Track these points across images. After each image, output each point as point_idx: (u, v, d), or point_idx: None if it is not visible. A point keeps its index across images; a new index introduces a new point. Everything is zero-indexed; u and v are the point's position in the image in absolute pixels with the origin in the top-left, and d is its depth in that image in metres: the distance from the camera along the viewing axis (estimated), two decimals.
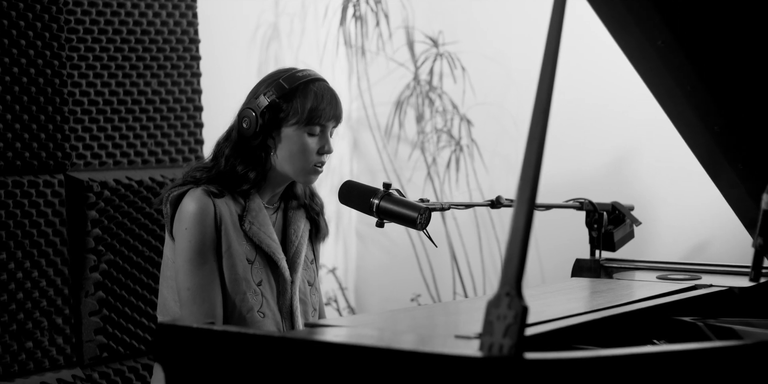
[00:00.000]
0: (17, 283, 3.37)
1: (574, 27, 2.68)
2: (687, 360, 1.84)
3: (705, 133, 2.50)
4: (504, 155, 4.72)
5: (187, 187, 2.73)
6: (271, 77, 2.78)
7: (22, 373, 3.38)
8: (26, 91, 3.39)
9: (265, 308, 2.76)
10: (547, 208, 3.26)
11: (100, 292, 3.59)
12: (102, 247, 3.59)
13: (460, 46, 4.69)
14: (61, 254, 3.48)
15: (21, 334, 3.38)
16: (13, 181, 3.38)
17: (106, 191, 3.60)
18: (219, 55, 4.30)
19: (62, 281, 3.48)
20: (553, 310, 2.38)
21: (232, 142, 2.77)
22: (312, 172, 2.80)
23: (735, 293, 2.74)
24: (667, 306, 2.59)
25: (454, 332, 2.03)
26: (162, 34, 3.79)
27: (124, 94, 3.70)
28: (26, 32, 3.39)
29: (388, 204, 2.70)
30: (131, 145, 3.74)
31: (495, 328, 1.78)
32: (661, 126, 2.92)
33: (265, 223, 2.78)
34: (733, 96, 2.37)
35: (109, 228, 3.61)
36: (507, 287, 1.79)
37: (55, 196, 3.47)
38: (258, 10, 4.66)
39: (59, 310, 3.47)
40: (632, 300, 2.53)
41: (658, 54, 2.28)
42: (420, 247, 4.82)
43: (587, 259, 3.19)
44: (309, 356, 1.86)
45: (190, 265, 2.68)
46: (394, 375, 1.77)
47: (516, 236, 1.84)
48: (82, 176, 3.58)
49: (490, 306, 1.79)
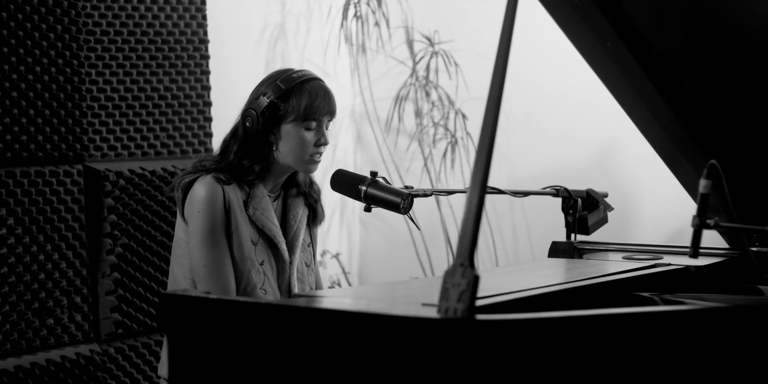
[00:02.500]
0: (39, 265, 3.61)
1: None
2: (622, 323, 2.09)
3: (656, 126, 2.74)
4: (496, 146, 4.94)
5: (198, 174, 2.99)
6: (270, 79, 3.05)
7: (43, 348, 3.62)
8: (47, 89, 3.62)
9: (266, 286, 3.02)
10: (525, 195, 3.47)
11: (116, 273, 3.83)
12: (117, 232, 3.83)
13: (455, 44, 4.94)
14: (80, 238, 3.72)
15: (42, 312, 3.61)
16: (36, 171, 3.60)
17: (121, 180, 3.83)
18: (228, 53, 4.55)
19: (81, 263, 3.72)
20: (521, 284, 2.58)
21: (238, 140, 3.03)
22: (310, 162, 3.06)
23: (692, 271, 2.96)
24: (629, 282, 2.80)
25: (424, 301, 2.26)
26: (173, 36, 4.02)
27: (138, 91, 3.93)
28: (48, 34, 3.62)
29: (375, 190, 2.96)
30: (145, 137, 3.97)
31: (450, 295, 2.02)
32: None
33: (267, 208, 3.04)
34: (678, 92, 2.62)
35: (123, 214, 3.85)
36: (461, 259, 2.02)
37: (74, 184, 3.70)
38: (265, 11, 4.91)
39: (78, 289, 3.71)
40: (593, 276, 2.77)
41: (609, 55, 2.53)
42: (417, 234, 5.07)
43: (563, 241, 3.42)
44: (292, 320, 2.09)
45: (205, 243, 2.94)
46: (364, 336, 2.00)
47: (470, 214, 2.07)
48: (99, 167, 3.80)
49: (447, 275, 2.03)
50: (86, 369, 3.71)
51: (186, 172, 3.03)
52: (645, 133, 2.83)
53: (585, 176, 4.61)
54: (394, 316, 2.02)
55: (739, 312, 2.29)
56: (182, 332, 2.26)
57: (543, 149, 4.86)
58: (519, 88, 4.87)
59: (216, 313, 2.22)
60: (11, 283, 3.54)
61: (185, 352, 2.26)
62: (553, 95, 4.78)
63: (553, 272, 3.00)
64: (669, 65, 2.57)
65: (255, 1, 4.85)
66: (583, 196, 3.45)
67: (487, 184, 2.14)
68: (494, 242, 4.96)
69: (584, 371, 2.02)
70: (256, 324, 2.15)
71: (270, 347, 2.11)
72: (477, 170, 2.13)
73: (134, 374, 3.87)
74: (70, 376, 3.66)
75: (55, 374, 3.62)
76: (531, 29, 4.09)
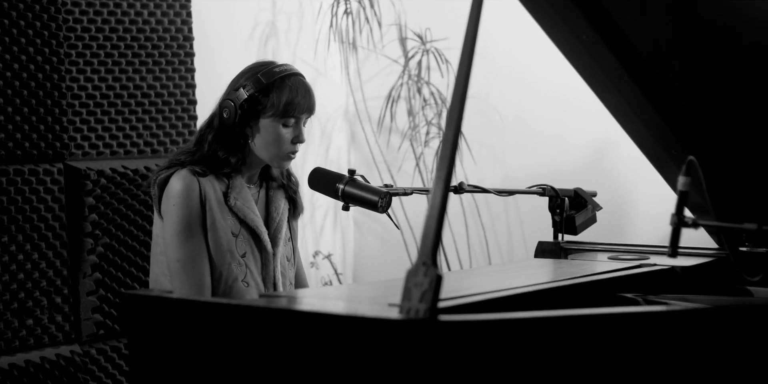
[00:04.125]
0: (18, 264, 3.55)
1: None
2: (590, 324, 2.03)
3: (638, 122, 2.68)
4: (490, 146, 4.90)
5: (173, 169, 2.96)
6: (250, 71, 3.01)
7: (22, 349, 3.56)
8: (26, 86, 3.57)
9: (249, 278, 2.99)
10: (510, 194, 3.44)
11: (97, 273, 3.77)
12: (99, 232, 3.77)
13: (448, 42, 4.88)
14: (60, 238, 3.66)
15: (22, 312, 3.55)
16: (15, 170, 3.55)
17: (102, 179, 3.78)
18: (215, 51, 4.49)
19: (61, 263, 3.66)
20: (498, 284, 2.53)
21: (213, 130, 3.01)
22: (285, 158, 3.03)
23: (677, 272, 2.91)
24: (613, 283, 2.75)
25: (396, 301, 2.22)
26: (157, 32, 3.97)
27: (121, 89, 3.88)
28: (26, 31, 3.57)
29: (352, 189, 2.92)
30: (127, 136, 3.91)
31: (413, 295, 1.97)
32: None
33: (248, 199, 3.01)
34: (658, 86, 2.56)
35: (105, 213, 3.79)
36: (424, 257, 1.97)
37: (54, 183, 3.64)
38: (256, 9, 4.86)
39: (58, 290, 3.66)
40: (575, 276, 2.71)
41: (585, 49, 2.47)
42: (409, 235, 5.01)
43: (549, 241, 3.37)
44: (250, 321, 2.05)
45: (179, 237, 2.91)
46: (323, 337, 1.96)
47: (433, 212, 2.02)
48: (80, 165, 3.75)
49: (409, 274, 1.98)
50: (66, 370, 3.66)
51: (162, 168, 3.01)
52: (627, 130, 2.78)
53: (580, 175, 4.56)
54: (352, 317, 1.98)
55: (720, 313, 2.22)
56: (143, 333, 2.22)
57: (537, 148, 4.80)
58: (513, 87, 4.81)
59: (176, 313, 2.17)
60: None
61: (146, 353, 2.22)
62: (546, 94, 4.71)
63: (535, 272, 2.94)
64: (649, 59, 2.51)
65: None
66: (571, 196, 3.41)
67: (450, 180, 2.08)
68: (487, 243, 4.90)
69: (551, 374, 1.97)
70: (216, 324, 2.10)
71: (230, 348, 2.07)
72: (441, 166, 2.06)
73: (116, 376, 3.83)
74: (50, 378, 3.61)
75: (34, 375, 3.57)
76: (523, 27, 4.03)
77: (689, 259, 3.02)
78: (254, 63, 3.05)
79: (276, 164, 3.06)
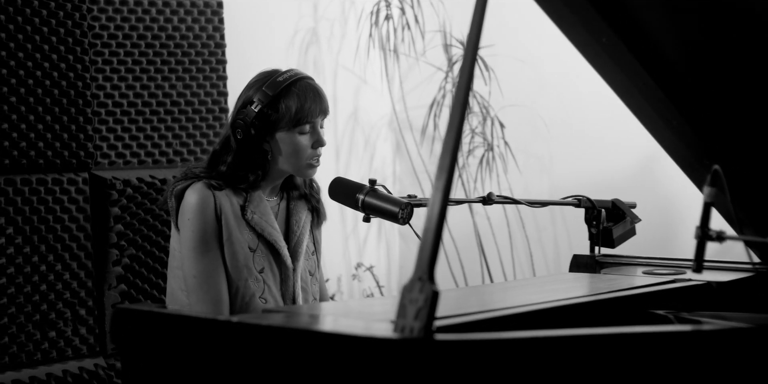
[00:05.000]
0: (41, 276, 3.50)
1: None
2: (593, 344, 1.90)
3: (666, 130, 2.54)
4: (536, 155, 4.76)
5: (190, 181, 2.87)
6: (255, 83, 2.89)
7: (44, 362, 3.51)
8: (49, 94, 3.52)
9: (267, 294, 2.88)
10: (543, 205, 3.32)
11: (123, 285, 3.71)
12: (124, 243, 3.71)
13: (493, 49, 4.75)
14: (85, 249, 3.60)
15: (44, 324, 3.50)
16: (37, 179, 3.50)
17: (128, 189, 3.72)
18: (250, 59, 4.42)
19: (86, 274, 3.60)
20: (516, 300, 2.44)
21: (232, 152, 2.89)
22: (309, 167, 2.92)
23: (713, 288, 2.76)
24: (644, 299, 2.62)
25: None
26: (187, 39, 3.90)
27: (149, 97, 3.82)
28: (49, 37, 3.52)
29: (373, 199, 2.81)
30: (156, 145, 3.85)
31: (407, 312, 1.85)
32: None
33: (267, 212, 2.90)
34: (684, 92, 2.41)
35: (131, 224, 3.73)
36: (420, 272, 1.86)
37: (79, 193, 3.59)
38: (296, 15, 4.77)
39: (83, 301, 3.60)
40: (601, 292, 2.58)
41: (606, 51, 2.33)
42: (451, 247, 4.89)
43: (584, 255, 3.23)
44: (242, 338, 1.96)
45: (195, 252, 2.82)
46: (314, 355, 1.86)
47: (431, 223, 1.90)
48: (106, 175, 3.70)
49: (405, 290, 1.87)
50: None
51: (178, 179, 2.92)
52: (657, 138, 2.63)
53: (629, 185, 4.42)
54: (340, 335, 1.86)
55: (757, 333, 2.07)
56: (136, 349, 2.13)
57: (585, 158, 4.66)
58: (559, 94, 4.67)
59: (168, 328, 2.08)
60: (10, 295, 3.43)
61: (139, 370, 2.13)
62: (594, 100, 4.55)
63: (560, 287, 2.81)
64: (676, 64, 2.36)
65: (283, 4, 4.70)
66: (609, 207, 3.27)
67: (450, 190, 1.95)
68: (532, 255, 4.76)
69: None
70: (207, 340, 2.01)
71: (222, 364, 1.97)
72: (440, 175, 1.94)
73: None
74: None
75: None
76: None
77: (726, 274, 2.87)
78: (258, 74, 2.94)
79: (301, 174, 2.95)
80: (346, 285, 4.98)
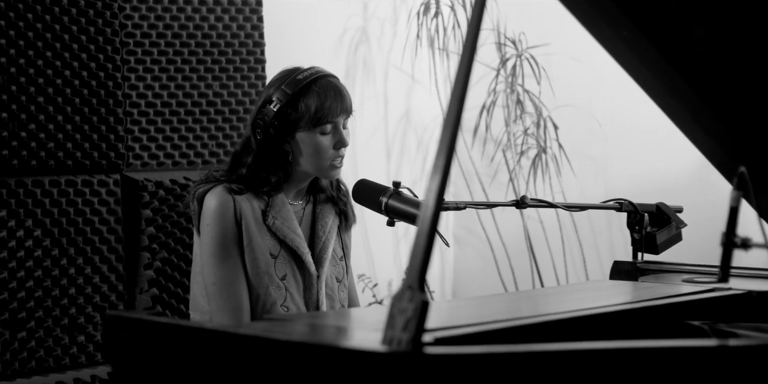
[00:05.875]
0: (69, 279, 3.44)
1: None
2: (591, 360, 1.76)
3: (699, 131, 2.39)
4: (591, 158, 4.60)
5: (212, 184, 2.78)
6: (276, 82, 2.80)
7: (73, 367, 3.45)
8: (78, 93, 3.46)
9: (288, 302, 2.78)
10: (582, 209, 3.20)
11: (154, 289, 3.63)
12: (156, 246, 3.64)
13: (547, 48, 4.61)
14: (116, 252, 3.54)
15: (73, 329, 3.44)
16: (67, 180, 3.44)
17: (161, 191, 3.65)
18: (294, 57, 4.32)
19: (117, 278, 3.54)
20: (529, 310, 2.34)
21: (252, 153, 2.79)
22: (332, 168, 2.82)
23: (753, 297, 2.61)
24: (680, 309, 2.48)
25: None
26: (224, 38, 3.82)
27: (184, 97, 3.74)
28: (79, 36, 3.47)
29: (396, 202, 2.70)
30: (191, 146, 3.77)
31: (396, 322, 1.74)
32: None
33: (289, 217, 2.80)
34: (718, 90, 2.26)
35: (163, 227, 3.66)
36: (410, 280, 1.74)
37: (110, 195, 3.53)
38: (345, 14, 4.67)
39: (113, 305, 3.53)
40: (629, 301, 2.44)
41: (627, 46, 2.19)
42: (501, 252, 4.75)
43: (625, 261, 3.10)
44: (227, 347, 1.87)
45: (214, 259, 2.73)
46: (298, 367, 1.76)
47: (423, 229, 1.79)
48: (137, 176, 3.63)
49: (395, 299, 1.76)
50: None
51: (199, 182, 2.83)
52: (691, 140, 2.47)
53: (687, 188, 4.24)
54: (323, 346, 1.75)
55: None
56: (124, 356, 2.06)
57: (643, 159, 4.49)
58: (615, 94, 4.50)
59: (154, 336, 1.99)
60: (38, 298, 3.37)
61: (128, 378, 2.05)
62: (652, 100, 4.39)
63: (589, 296, 2.66)
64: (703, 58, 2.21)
65: (330, 4, 4.60)
66: (653, 211, 3.12)
67: (444, 192, 1.82)
68: (585, 260, 4.60)
69: None
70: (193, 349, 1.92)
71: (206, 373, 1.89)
72: (434, 177, 1.81)
73: None
74: None
75: None
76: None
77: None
78: (280, 72, 2.84)
79: (324, 175, 2.85)
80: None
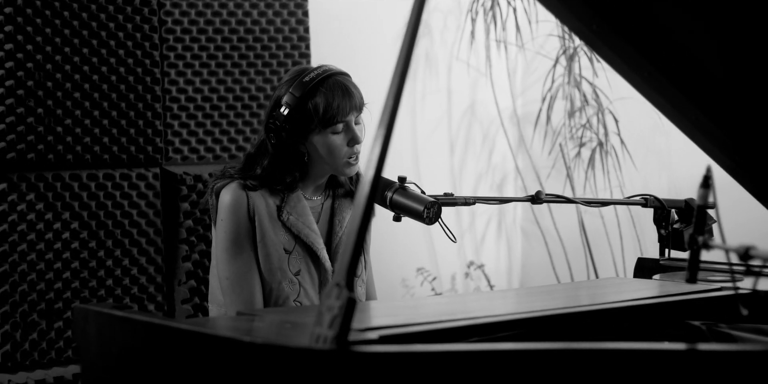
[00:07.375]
0: (107, 270, 3.51)
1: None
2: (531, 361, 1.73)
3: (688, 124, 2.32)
4: (655, 151, 4.50)
5: (228, 180, 2.81)
6: (285, 84, 2.78)
7: None
8: (115, 89, 3.52)
9: (302, 298, 2.79)
10: (603, 205, 3.13)
11: (192, 281, 3.68)
12: (194, 239, 3.69)
13: None
14: (155, 244, 3.60)
15: None
16: (104, 174, 3.51)
17: (199, 184, 3.69)
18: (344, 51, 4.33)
19: (155, 270, 3.60)
20: (507, 308, 2.32)
21: (267, 155, 2.81)
22: (347, 165, 2.81)
23: (760, 297, 2.52)
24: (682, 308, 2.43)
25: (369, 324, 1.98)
26: (268, 33, 3.84)
27: (225, 91, 3.78)
28: (116, 33, 3.53)
29: (400, 197, 2.67)
30: (233, 140, 3.81)
31: (324, 319, 1.74)
32: None
33: (304, 213, 2.81)
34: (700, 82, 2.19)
35: (201, 220, 3.70)
36: (338, 277, 1.74)
37: (149, 188, 3.59)
38: (403, 7, 4.63)
39: (152, 297, 3.59)
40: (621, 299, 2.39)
41: (601, 40, 2.14)
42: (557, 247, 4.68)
43: (649, 258, 3.02)
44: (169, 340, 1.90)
45: (227, 254, 2.76)
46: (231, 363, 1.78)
47: (353, 224, 1.77)
48: (177, 170, 3.68)
49: (324, 296, 1.76)
50: None
51: (217, 177, 2.86)
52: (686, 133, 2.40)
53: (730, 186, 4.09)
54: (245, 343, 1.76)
55: None
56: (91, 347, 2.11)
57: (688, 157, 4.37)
58: None
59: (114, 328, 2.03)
60: (75, 289, 3.45)
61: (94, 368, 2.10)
62: None
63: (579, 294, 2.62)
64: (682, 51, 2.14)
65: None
66: (681, 207, 3.03)
67: (378, 186, 1.80)
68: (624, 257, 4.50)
69: None
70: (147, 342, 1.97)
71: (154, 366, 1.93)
72: (367, 170, 1.79)
73: None
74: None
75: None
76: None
77: None
78: (290, 72, 2.83)
79: (340, 173, 2.84)
80: (461, 284, 4.84)
